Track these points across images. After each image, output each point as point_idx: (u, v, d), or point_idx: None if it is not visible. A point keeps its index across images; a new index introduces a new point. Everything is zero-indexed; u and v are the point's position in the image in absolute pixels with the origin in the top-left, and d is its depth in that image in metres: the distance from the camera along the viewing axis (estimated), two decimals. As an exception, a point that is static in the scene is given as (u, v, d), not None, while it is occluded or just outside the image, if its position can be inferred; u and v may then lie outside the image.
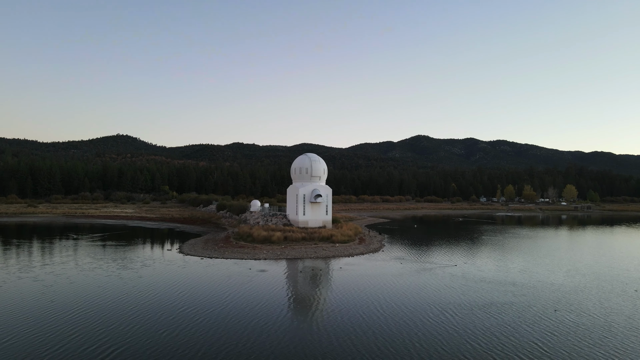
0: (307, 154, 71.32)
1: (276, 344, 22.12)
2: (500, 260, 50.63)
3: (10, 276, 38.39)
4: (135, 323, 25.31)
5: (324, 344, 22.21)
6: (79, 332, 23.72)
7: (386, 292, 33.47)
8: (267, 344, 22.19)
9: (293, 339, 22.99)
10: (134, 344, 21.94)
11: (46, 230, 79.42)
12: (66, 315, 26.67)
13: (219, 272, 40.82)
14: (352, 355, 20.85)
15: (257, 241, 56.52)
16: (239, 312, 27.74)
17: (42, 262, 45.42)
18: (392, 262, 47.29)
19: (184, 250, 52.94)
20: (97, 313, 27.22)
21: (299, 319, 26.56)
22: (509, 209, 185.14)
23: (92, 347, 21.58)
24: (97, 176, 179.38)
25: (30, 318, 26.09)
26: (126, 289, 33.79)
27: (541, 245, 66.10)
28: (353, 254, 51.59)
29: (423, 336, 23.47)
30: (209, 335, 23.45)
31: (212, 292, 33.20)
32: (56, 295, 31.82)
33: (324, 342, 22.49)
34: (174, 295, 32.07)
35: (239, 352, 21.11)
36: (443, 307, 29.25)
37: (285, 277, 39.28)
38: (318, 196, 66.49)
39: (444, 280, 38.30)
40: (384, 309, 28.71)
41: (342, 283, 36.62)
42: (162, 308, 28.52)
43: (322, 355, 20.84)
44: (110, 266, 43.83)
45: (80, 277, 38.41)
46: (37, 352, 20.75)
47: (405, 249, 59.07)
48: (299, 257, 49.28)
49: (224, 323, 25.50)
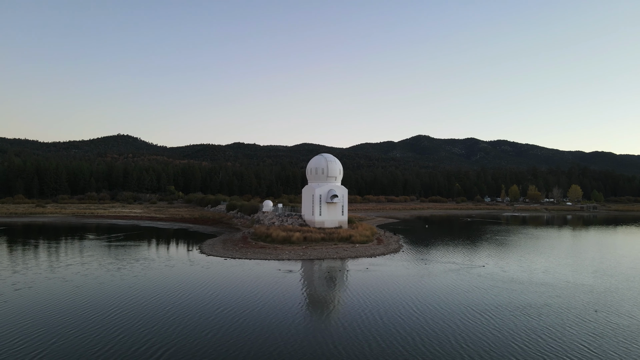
0: (322, 154, 71.24)
1: (322, 345, 22.07)
2: (521, 260, 50.60)
3: (38, 277, 38.32)
4: (177, 324, 25.23)
5: (372, 345, 22.16)
6: (124, 332, 23.63)
7: (419, 293, 33.43)
8: (315, 344, 22.14)
9: (337, 339, 22.91)
10: (182, 345, 21.86)
11: (60, 231, 79.34)
12: (106, 316, 26.58)
13: (246, 273, 40.74)
14: (401, 357, 20.81)
15: (276, 241, 56.45)
16: (277, 313, 27.66)
17: (66, 263, 45.34)
18: (416, 263, 47.26)
19: (205, 251, 52.86)
20: (136, 314, 27.12)
21: (339, 321, 26.44)
22: (515, 209, 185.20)
23: (142, 347, 21.53)
24: (102, 176, 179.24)
25: (72, 319, 26.01)
26: (157, 290, 33.72)
27: (558, 246, 66.11)
28: (374, 255, 51.55)
29: (469, 338, 23.39)
30: (254, 336, 23.36)
31: (244, 292, 33.11)
32: (89, 296, 31.74)
33: (372, 344, 22.43)
34: (207, 296, 31.98)
35: (289, 353, 21.06)
36: (481, 308, 29.18)
37: (315, 278, 39.23)
38: (334, 196, 66.43)
39: (473, 280, 38.27)
40: (421, 310, 28.65)
41: (373, 284, 36.54)
42: (198, 309, 28.43)
43: (374, 358, 20.81)
44: (134, 266, 43.80)
45: (107, 277, 38.34)
46: (91, 352, 20.68)
47: (424, 249, 59.04)
48: (321, 257, 49.23)
49: (265, 324, 25.43)
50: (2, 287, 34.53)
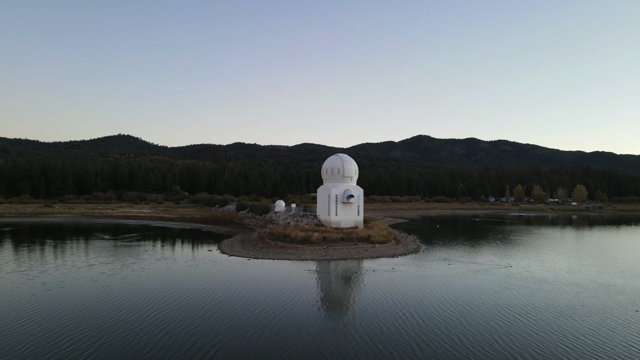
0: (338, 154, 71.14)
1: (369, 345, 21.99)
2: (541, 260, 50.52)
3: (65, 276, 38.22)
4: (219, 324, 25.10)
5: (421, 345, 22.07)
6: (169, 332, 23.49)
7: (452, 293, 33.33)
8: (362, 344, 22.06)
9: (384, 340, 22.83)
10: (230, 345, 21.75)
11: (74, 231, 79.23)
12: (145, 316, 26.44)
13: (273, 273, 40.66)
14: (454, 358, 20.74)
15: (295, 242, 56.35)
16: (316, 313, 27.61)
17: (88, 263, 45.24)
18: (439, 263, 47.17)
19: (226, 251, 52.76)
20: (175, 314, 26.98)
21: (380, 321, 26.24)
22: (521, 209, 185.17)
23: (191, 347, 21.42)
24: (107, 176, 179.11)
25: (112, 319, 25.89)
26: (188, 290, 33.58)
27: (575, 246, 66.10)
28: (395, 255, 51.48)
29: (515, 339, 23.24)
30: (299, 336, 23.27)
31: (277, 292, 32.99)
32: (122, 296, 31.63)
33: (420, 344, 22.34)
34: (241, 296, 31.84)
35: (339, 352, 20.98)
36: (518, 309, 29.06)
37: (344, 278, 39.09)
38: (350, 196, 66.35)
39: (501, 281, 38.19)
40: (459, 311, 28.52)
41: (404, 284, 36.44)
42: (236, 309, 28.30)
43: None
44: (157, 266, 43.75)
45: (134, 277, 38.26)
46: (143, 352, 20.57)
47: (443, 249, 58.96)
48: (343, 257, 49.14)
49: (306, 324, 25.34)
50: (33, 286, 34.47)
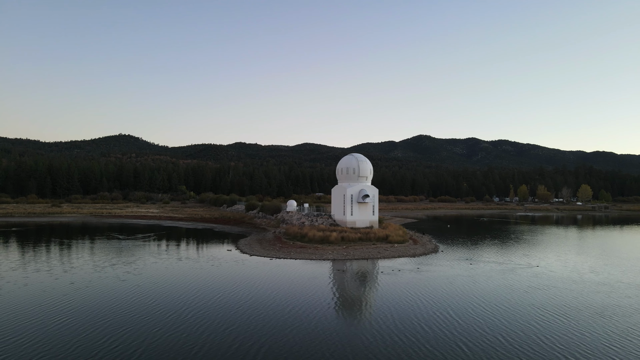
0: (353, 154, 71.05)
1: (414, 345, 21.92)
2: (560, 260, 50.47)
3: (91, 276, 38.12)
4: (261, 324, 24.99)
5: (468, 345, 22.00)
6: (211, 332, 23.39)
7: (483, 293, 33.26)
8: (407, 344, 21.99)
9: (428, 340, 22.76)
10: (274, 343, 21.67)
11: (87, 231, 79.08)
12: (183, 315, 26.36)
13: (300, 273, 40.57)
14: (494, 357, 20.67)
15: (313, 241, 56.26)
16: (353, 312, 27.53)
17: (110, 263, 45.12)
18: (462, 263, 47.09)
19: (246, 251, 52.66)
20: (212, 313, 26.90)
21: (419, 321, 26.17)
22: (526, 209, 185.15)
23: (240, 346, 21.31)
24: (113, 176, 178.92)
25: (150, 318, 25.87)
26: (218, 290, 33.43)
27: (591, 245, 66.02)
28: (416, 255, 51.39)
29: (557, 339, 23.16)
30: (344, 337, 23.20)
31: (308, 292, 32.92)
32: (153, 295, 31.57)
33: (462, 345, 22.27)
34: (271, 295, 31.72)
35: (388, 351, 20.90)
36: (554, 309, 28.96)
37: (372, 278, 38.95)
38: (366, 196, 66.28)
39: (528, 281, 38.14)
40: (493, 311, 28.42)
41: (432, 284, 36.36)
42: (270, 308, 28.21)
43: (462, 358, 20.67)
44: (180, 266, 43.68)
45: (160, 276, 38.24)
46: (193, 352, 20.48)
47: (461, 249, 58.87)
48: (365, 257, 49.05)
49: (346, 322, 25.30)
50: (62, 285, 34.40)
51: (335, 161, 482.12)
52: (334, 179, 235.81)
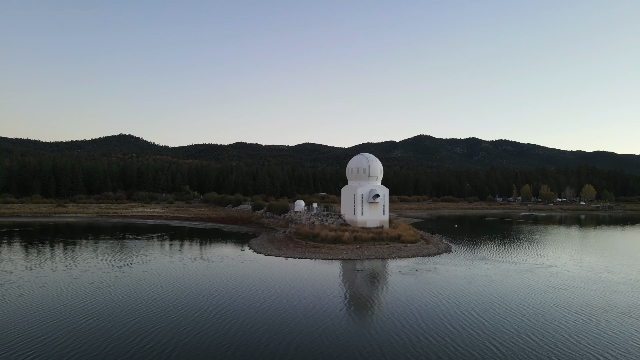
0: (363, 153, 71.07)
1: (437, 344, 21.89)
2: (575, 260, 50.43)
3: (109, 276, 38.08)
4: (288, 323, 24.96)
5: (506, 345, 21.98)
6: (238, 331, 23.34)
7: (503, 293, 33.19)
8: (440, 343, 21.97)
9: (450, 339, 22.74)
10: (310, 342, 21.64)
11: (96, 230, 79.07)
12: (211, 315, 26.33)
13: (319, 273, 40.55)
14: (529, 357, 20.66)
15: (326, 241, 56.24)
16: (377, 312, 27.48)
17: (125, 262, 45.11)
18: (477, 263, 47.06)
19: (260, 251, 52.64)
20: (239, 313, 26.83)
21: (447, 321, 26.15)
22: (530, 209, 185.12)
23: (269, 345, 21.28)
24: (116, 176, 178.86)
25: (175, 317, 25.85)
26: (238, 289, 33.34)
27: (602, 245, 65.97)
28: (430, 254, 51.37)
29: (590, 339, 23.14)
30: (376, 336, 23.17)
31: (330, 292, 32.89)
32: (174, 294, 31.57)
33: (493, 345, 22.25)
34: (295, 296, 31.66)
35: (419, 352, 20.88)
36: (577, 309, 28.89)
37: (390, 278, 38.82)
38: (376, 196, 66.28)
39: (546, 280, 38.11)
40: (517, 311, 28.34)
41: (452, 283, 36.32)
42: (296, 308, 28.16)
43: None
44: (195, 265, 43.70)
45: (178, 276, 38.21)
46: (223, 351, 20.45)
47: (473, 249, 58.84)
48: (379, 257, 49.03)
49: (373, 322, 25.26)
50: (82, 285, 34.40)
51: (336, 161, 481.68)
52: (337, 179, 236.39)
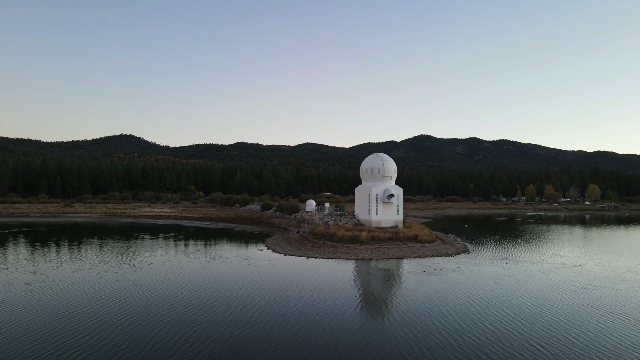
0: (377, 153, 71.07)
1: (479, 344, 21.86)
2: (595, 260, 50.37)
3: (133, 275, 38.04)
4: (327, 323, 24.91)
5: (542, 345, 21.95)
6: (278, 330, 23.30)
7: (532, 293, 33.14)
8: (479, 343, 21.93)
9: (493, 339, 22.70)
10: (347, 342, 21.60)
11: (107, 230, 79.06)
12: (246, 315, 26.26)
13: (342, 272, 40.56)
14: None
15: (343, 241, 56.20)
16: (414, 311, 27.43)
17: (145, 262, 45.08)
18: (498, 263, 47.02)
19: (278, 250, 52.62)
20: (274, 313, 26.75)
21: (481, 320, 26.09)
22: (535, 208, 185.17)
23: (320, 344, 21.23)
24: (121, 176, 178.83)
25: (210, 316, 25.83)
26: (266, 289, 33.23)
27: (617, 244, 65.98)
28: (449, 254, 51.34)
29: (633, 339, 23.19)
30: (421, 337, 23.13)
31: (362, 291, 32.91)
32: (203, 294, 31.50)
33: (540, 343, 22.22)
34: (325, 296, 31.61)
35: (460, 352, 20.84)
36: (610, 309, 28.77)
37: (417, 277, 38.64)
38: (391, 196, 66.28)
39: (572, 280, 38.08)
40: (551, 311, 28.26)
41: (479, 283, 36.28)
42: (332, 308, 28.09)
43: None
44: (216, 265, 43.68)
45: (200, 275, 38.20)
46: (267, 349, 20.42)
47: (491, 248, 58.78)
48: (399, 256, 48.99)
49: (414, 321, 25.22)
50: (109, 284, 34.35)
51: (338, 161, 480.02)
52: (340, 178, 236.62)
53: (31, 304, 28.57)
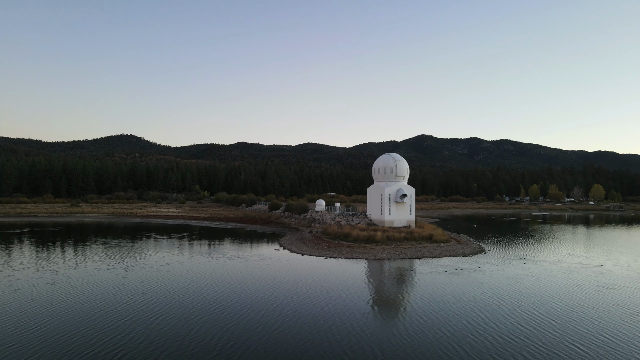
0: (389, 153, 70.97)
1: (520, 344, 21.83)
2: (611, 259, 50.34)
3: (156, 275, 38.01)
4: (363, 321, 24.89)
5: (578, 345, 21.92)
6: (317, 331, 23.27)
7: (558, 293, 33.15)
8: (511, 343, 21.90)
9: (531, 339, 22.68)
10: (389, 343, 21.57)
11: (119, 230, 78.98)
12: (279, 315, 26.21)
13: (366, 272, 40.60)
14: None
15: (359, 241, 56.16)
16: (444, 311, 27.41)
17: (164, 262, 45.04)
18: (517, 262, 46.97)
19: (295, 250, 52.61)
20: (308, 314, 26.74)
21: (513, 319, 26.07)
22: (540, 208, 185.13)
23: (362, 346, 21.20)
24: (126, 176, 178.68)
25: (243, 316, 25.74)
26: (292, 289, 33.20)
27: (629, 243, 65.93)
28: (466, 254, 51.30)
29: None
30: (454, 337, 23.11)
31: (392, 292, 32.84)
32: (231, 293, 31.48)
33: (576, 344, 22.19)
34: (357, 296, 31.60)
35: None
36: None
37: (442, 277, 38.52)
38: (404, 196, 66.24)
39: (594, 280, 38.06)
40: (581, 311, 28.26)
41: (503, 283, 36.24)
42: (363, 308, 28.11)
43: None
44: (236, 265, 43.66)
45: (222, 275, 38.19)
46: (307, 349, 20.39)
47: (505, 248, 58.72)
48: (417, 256, 48.93)
49: (446, 321, 25.19)
50: (134, 284, 34.35)
51: (339, 161, 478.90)
52: (344, 178, 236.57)
53: (61, 304, 28.56)
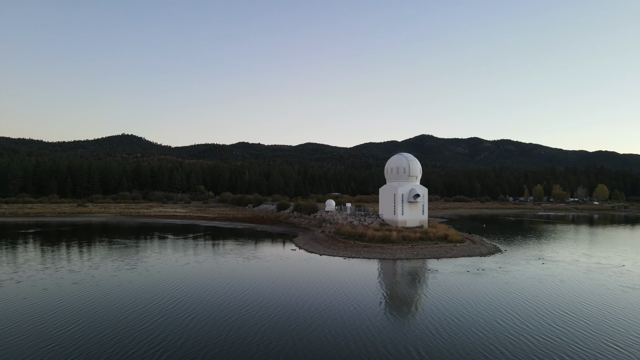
0: (402, 153, 70.91)
1: (553, 344, 21.76)
2: (629, 259, 50.26)
3: (177, 275, 37.88)
4: (397, 323, 24.85)
5: (614, 347, 21.87)
6: (355, 332, 23.21)
7: (584, 294, 33.02)
8: (536, 343, 21.84)
9: (568, 341, 22.62)
10: (421, 344, 21.51)
11: (130, 231, 78.97)
12: (308, 315, 26.11)
13: (390, 273, 40.75)
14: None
15: (374, 241, 56.11)
16: (472, 311, 27.34)
17: (182, 262, 45.00)
18: (536, 263, 46.86)
19: (312, 250, 52.61)
20: (342, 315, 26.68)
21: (546, 320, 26.01)
22: (544, 208, 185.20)
23: (388, 344, 21.14)
24: (130, 176, 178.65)
25: (275, 316, 25.63)
26: (320, 290, 33.00)
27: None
28: (483, 254, 51.24)
29: None
30: (487, 338, 23.04)
31: (420, 293, 32.83)
32: (254, 293, 31.34)
33: (612, 345, 22.14)
34: (388, 296, 31.60)
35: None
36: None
37: (464, 278, 38.35)
38: (417, 196, 66.20)
39: (618, 280, 37.98)
40: (611, 312, 28.17)
41: (527, 284, 36.14)
42: (396, 308, 28.10)
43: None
44: (254, 265, 43.59)
45: (244, 275, 38.10)
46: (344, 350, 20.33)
47: (521, 248, 58.63)
48: (435, 256, 48.87)
49: (476, 322, 25.12)
50: (158, 284, 34.19)
51: (340, 161, 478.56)
52: (347, 178, 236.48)
53: (89, 303, 28.50)
